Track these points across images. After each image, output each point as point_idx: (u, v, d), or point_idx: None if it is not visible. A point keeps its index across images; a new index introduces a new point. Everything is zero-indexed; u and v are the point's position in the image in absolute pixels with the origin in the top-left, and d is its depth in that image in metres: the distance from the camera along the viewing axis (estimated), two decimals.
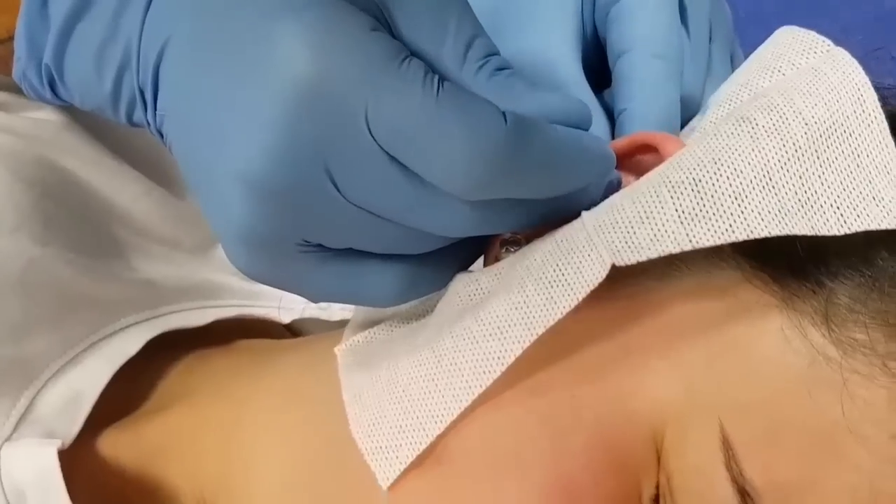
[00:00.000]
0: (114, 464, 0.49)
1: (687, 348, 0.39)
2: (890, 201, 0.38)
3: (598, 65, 0.50)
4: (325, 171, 0.37)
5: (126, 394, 0.52)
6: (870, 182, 0.39)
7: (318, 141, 0.36)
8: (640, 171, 0.43)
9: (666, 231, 0.38)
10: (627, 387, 0.39)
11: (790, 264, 0.40)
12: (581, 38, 0.48)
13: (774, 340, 0.39)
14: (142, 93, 0.41)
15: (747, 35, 0.53)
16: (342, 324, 0.56)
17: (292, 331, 0.60)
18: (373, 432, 0.40)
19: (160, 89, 0.40)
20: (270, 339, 0.57)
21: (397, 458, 0.39)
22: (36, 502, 0.45)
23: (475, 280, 0.42)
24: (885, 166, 0.39)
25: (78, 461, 0.48)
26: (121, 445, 0.50)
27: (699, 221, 0.38)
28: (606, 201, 0.42)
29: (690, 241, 0.38)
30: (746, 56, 0.48)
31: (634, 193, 0.40)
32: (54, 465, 0.45)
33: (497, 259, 0.44)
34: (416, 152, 0.36)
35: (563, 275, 0.39)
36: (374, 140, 0.36)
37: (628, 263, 0.38)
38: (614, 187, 0.43)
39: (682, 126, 0.47)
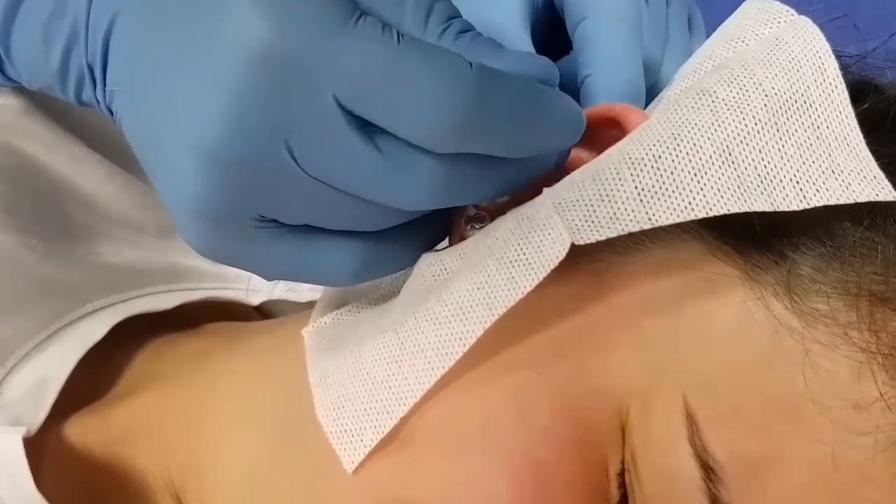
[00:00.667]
0: (82, 450, 0.49)
1: (651, 323, 0.39)
2: (849, 174, 0.38)
3: (549, 36, 0.49)
4: (282, 141, 0.36)
5: (92, 379, 0.52)
6: (829, 155, 0.39)
7: (274, 108, 0.36)
8: (602, 145, 0.42)
9: (626, 210, 0.38)
10: (592, 363, 0.39)
11: (752, 236, 0.39)
12: (531, 8, 0.48)
13: (737, 313, 0.38)
14: (91, 69, 0.40)
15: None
16: (311, 305, 0.56)
17: (262, 313, 0.60)
18: (338, 415, 0.40)
19: (109, 64, 0.39)
20: (240, 320, 0.56)
21: (362, 441, 0.39)
22: (3, 489, 0.45)
23: (439, 260, 0.42)
24: (845, 138, 0.39)
25: (44, 447, 0.48)
26: (88, 431, 0.50)
27: (659, 199, 0.38)
28: (567, 178, 0.41)
29: (650, 219, 0.38)
30: (705, 19, 0.47)
31: (595, 170, 0.40)
32: (19, 452, 0.45)
33: (463, 237, 0.43)
34: (382, 104, 0.36)
35: (524, 254, 0.39)
36: (337, 102, 0.36)
37: (588, 242, 0.38)
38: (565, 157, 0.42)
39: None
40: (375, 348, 0.41)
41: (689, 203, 0.38)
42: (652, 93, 0.47)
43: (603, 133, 0.43)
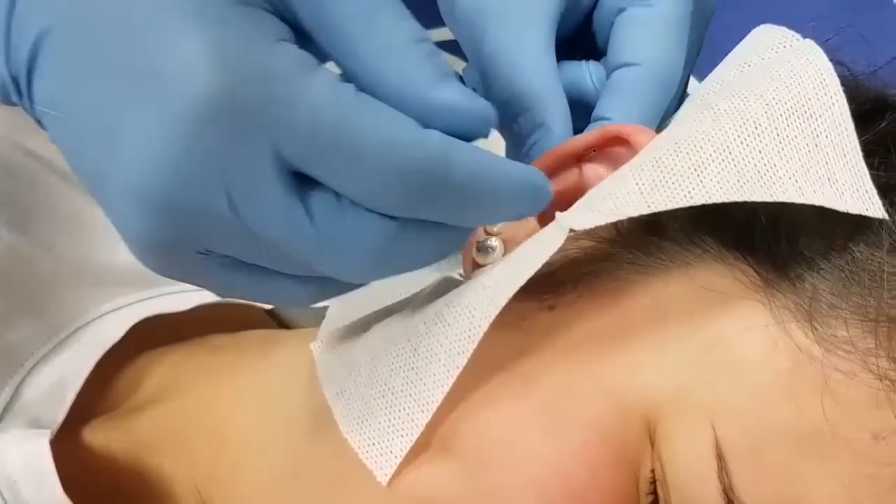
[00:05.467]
0: (106, 455, 0.49)
1: (675, 342, 0.40)
2: (843, 184, 0.38)
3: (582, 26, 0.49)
4: (224, 192, 0.34)
5: (108, 381, 0.52)
6: (826, 164, 0.39)
7: (216, 160, 0.34)
8: (613, 164, 0.43)
9: (626, 201, 0.39)
10: (618, 380, 0.40)
11: (772, 259, 0.40)
12: (556, 20, 0.47)
13: (760, 339, 0.39)
14: (14, 80, 0.38)
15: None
16: (323, 310, 0.56)
17: (272, 315, 0.60)
18: (363, 429, 0.40)
19: (36, 83, 0.37)
20: (253, 324, 0.57)
21: (391, 452, 0.39)
22: (29, 492, 0.45)
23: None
24: (843, 149, 0.39)
25: (66, 451, 0.48)
26: (111, 436, 0.50)
27: (658, 190, 0.39)
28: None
29: (648, 206, 0.38)
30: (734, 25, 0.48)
31: (602, 183, 0.41)
32: (47, 455, 0.45)
33: (473, 260, 0.44)
34: (328, 166, 0.34)
35: (525, 252, 0.40)
36: (281, 159, 0.34)
37: (586, 227, 0.39)
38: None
39: None
40: (390, 358, 0.41)
41: (689, 192, 0.38)
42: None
43: (612, 150, 0.44)
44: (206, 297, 0.55)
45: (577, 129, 0.45)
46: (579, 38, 0.49)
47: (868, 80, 0.44)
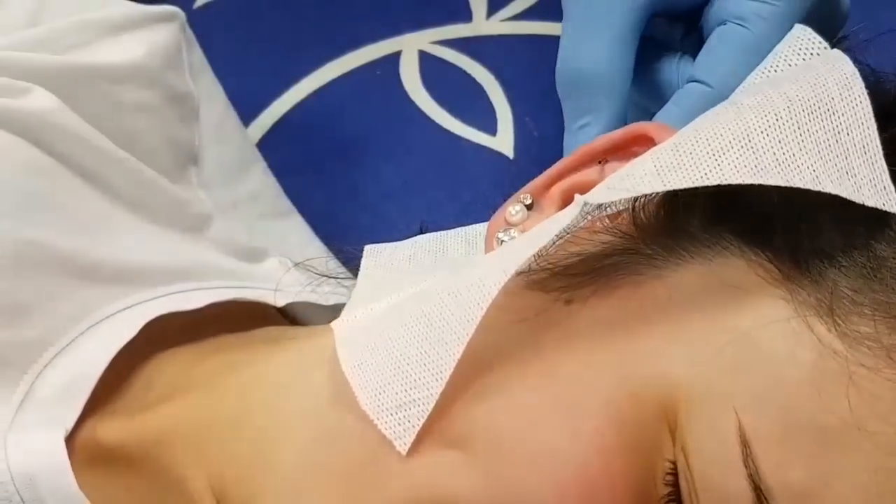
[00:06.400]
0: (119, 452, 0.49)
1: (694, 334, 0.40)
2: (861, 179, 0.39)
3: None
4: None
5: (120, 379, 0.52)
6: (846, 158, 0.39)
7: None
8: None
9: (643, 180, 0.40)
10: (634, 370, 0.40)
11: (793, 255, 0.40)
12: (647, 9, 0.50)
13: (782, 332, 0.39)
14: None
15: None
16: (335, 309, 0.57)
17: (283, 313, 0.60)
18: (380, 399, 0.41)
19: None
20: (266, 322, 0.57)
21: (409, 421, 0.40)
22: (44, 488, 0.45)
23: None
24: (864, 146, 0.40)
25: (79, 447, 0.48)
26: (125, 434, 0.50)
27: (675, 171, 0.40)
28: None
29: (664, 184, 0.39)
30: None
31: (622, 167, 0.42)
32: (62, 452, 0.46)
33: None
34: None
35: (541, 230, 0.42)
36: None
37: (601, 202, 0.41)
38: None
39: None
40: (405, 330, 0.42)
41: (705, 173, 0.39)
42: None
43: (636, 150, 0.45)
44: (219, 294, 0.55)
45: None
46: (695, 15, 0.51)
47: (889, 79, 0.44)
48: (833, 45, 0.45)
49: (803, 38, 0.45)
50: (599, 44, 0.48)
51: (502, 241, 0.45)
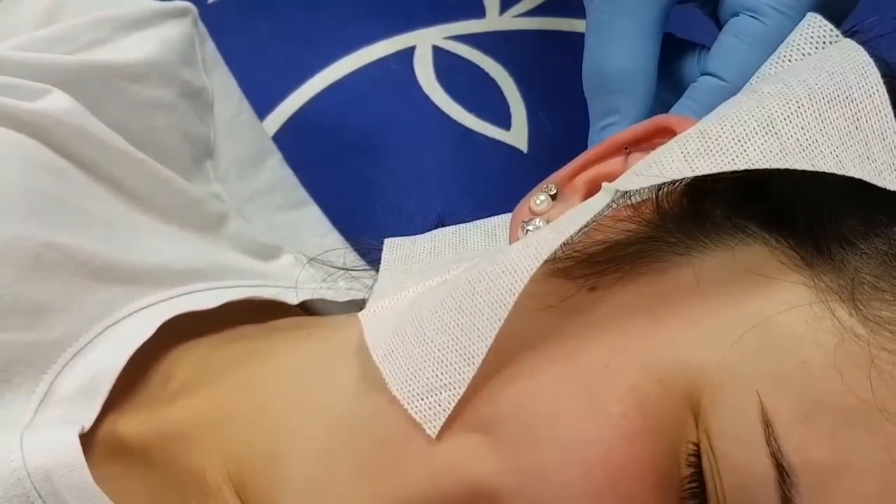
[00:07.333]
0: (137, 448, 0.50)
1: (716, 319, 0.40)
2: (882, 164, 0.40)
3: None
4: None
5: (138, 377, 0.52)
6: (866, 144, 0.40)
7: None
8: None
9: (671, 166, 0.40)
10: (658, 354, 0.40)
11: (815, 242, 0.40)
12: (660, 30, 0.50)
13: (804, 316, 0.39)
14: None
15: None
16: (350, 304, 0.57)
17: (303, 309, 0.60)
18: (410, 384, 0.41)
19: None
20: (278, 316, 0.57)
21: (439, 405, 0.41)
22: (63, 485, 0.45)
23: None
24: (883, 133, 0.40)
25: (98, 444, 0.49)
26: (143, 430, 0.50)
27: (702, 157, 0.40)
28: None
29: (692, 170, 0.40)
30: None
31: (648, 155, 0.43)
32: (77, 449, 0.46)
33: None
34: None
35: (570, 218, 0.42)
36: None
37: (629, 188, 0.41)
38: None
39: None
40: (436, 317, 0.42)
41: (732, 159, 0.40)
42: None
43: (660, 143, 0.45)
44: (234, 293, 0.55)
45: None
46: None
47: None
48: (844, 36, 0.46)
49: (815, 26, 0.46)
50: (626, 45, 0.48)
51: (528, 230, 0.45)
